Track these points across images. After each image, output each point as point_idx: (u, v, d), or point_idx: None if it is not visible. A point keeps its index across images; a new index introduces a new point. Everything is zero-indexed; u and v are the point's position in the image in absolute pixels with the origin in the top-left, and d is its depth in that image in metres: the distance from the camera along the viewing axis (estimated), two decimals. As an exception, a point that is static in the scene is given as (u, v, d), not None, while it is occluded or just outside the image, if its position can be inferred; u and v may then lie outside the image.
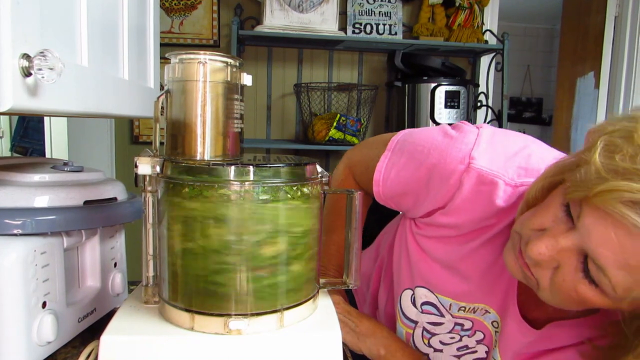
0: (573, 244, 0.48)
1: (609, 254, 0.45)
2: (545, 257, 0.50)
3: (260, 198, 0.54)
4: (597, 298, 0.49)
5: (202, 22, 2.04)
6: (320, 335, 0.57)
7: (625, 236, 0.43)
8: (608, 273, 0.45)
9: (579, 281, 0.49)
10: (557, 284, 0.51)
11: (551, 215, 0.51)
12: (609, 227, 0.44)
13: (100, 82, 0.61)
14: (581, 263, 0.48)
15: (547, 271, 0.51)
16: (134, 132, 2.09)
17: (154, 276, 0.61)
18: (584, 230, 0.47)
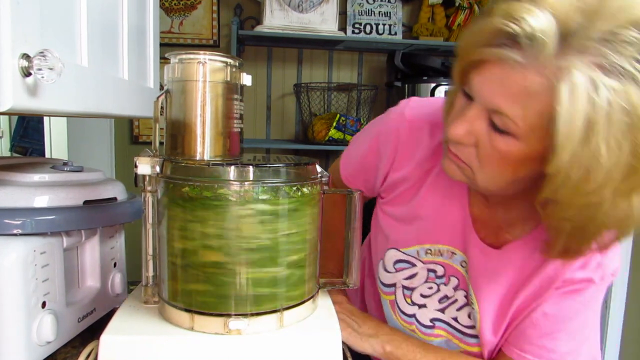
0: (477, 110, 0.54)
1: (499, 96, 0.50)
2: (462, 131, 0.55)
3: (260, 198, 0.54)
4: (514, 147, 0.52)
5: (202, 22, 2.04)
6: (320, 335, 0.57)
7: (505, 72, 0.49)
8: (505, 111, 0.50)
9: (494, 138, 0.54)
10: (483, 156, 0.56)
11: (458, 108, 0.58)
12: (493, 76, 0.51)
13: (100, 82, 0.61)
14: (489, 122, 0.54)
15: (471, 149, 0.57)
16: (133, 132, 2.09)
17: (153, 276, 0.62)
18: (477, 93, 0.53)
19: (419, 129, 0.73)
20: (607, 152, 0.45)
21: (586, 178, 0.47)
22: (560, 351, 0.66)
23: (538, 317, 0.66)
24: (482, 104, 0.54)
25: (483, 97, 0.53)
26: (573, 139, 0.46)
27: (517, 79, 0.48)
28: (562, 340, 0.66)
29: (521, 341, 0.67)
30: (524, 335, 0.67)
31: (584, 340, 0.68)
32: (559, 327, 0.65)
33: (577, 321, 0.66)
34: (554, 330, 0.65)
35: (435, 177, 0.72)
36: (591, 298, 0.65)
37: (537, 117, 0.49)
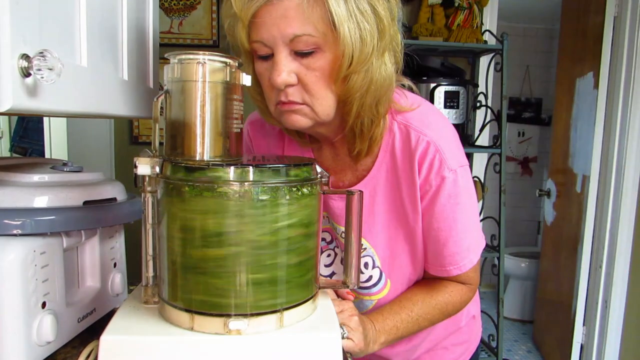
0: (280, 55, 0.63)
1: (288, 27, 0.61)
2: (284, 75, 0.63)
3: (260, 198, 0.54)
4: (324, 59, 0.64)
5: (202, 23, 2.04)
6: (320, 335, 0.57)
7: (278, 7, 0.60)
8: (300, 31, 0.61)
9: (308, 63, 0.64)
10: (309, 83, 0.65)
11: (266, 70, 0.66)
12: (272, 16, 0.61)
13: (99, 83, 0.61)
14: (296, 56, 0.64)
15: (298, 87, 0.65)
16: (133, 132, 2.09)
17: (153, 276, 0.61)
18: (271, 37, 0.62)
19: (259, 124, 0.88)
20: (364, 19, 0.62)
21: (362, 44, 0.63)
22: (462, 249, 0.76)
23: (432, 235, 0.76)
24: (280, 44, 0.62)
25: (279, 36, 0.62)
26: (343, 18, 0.60)
27: (291, 5, 0.60)
28: (458, 240, 0.76)
29: (437, 259, 0.78)
30: (432, 255, 0.78)
31: (473, 225, 0.78)
32: (449, 232, 0.75)
33: (459, 217, 0.75)
34: (447, 237, 0.75)
35: (288, 146, 0.84)
36: (456, 190, 0.74)
37: (321, 21, 0.61)
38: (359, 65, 0.64)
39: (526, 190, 3.85)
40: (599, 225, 2.21)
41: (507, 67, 1.98)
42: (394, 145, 0.75)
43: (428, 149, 0.72)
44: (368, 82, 0.66)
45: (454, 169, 0.73)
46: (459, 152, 0.76)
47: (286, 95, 0.66)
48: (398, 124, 0.75)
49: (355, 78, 0.65)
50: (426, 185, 0.73)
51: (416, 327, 0.78)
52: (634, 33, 2.03)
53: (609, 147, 2.14)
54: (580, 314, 2.30)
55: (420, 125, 0.74)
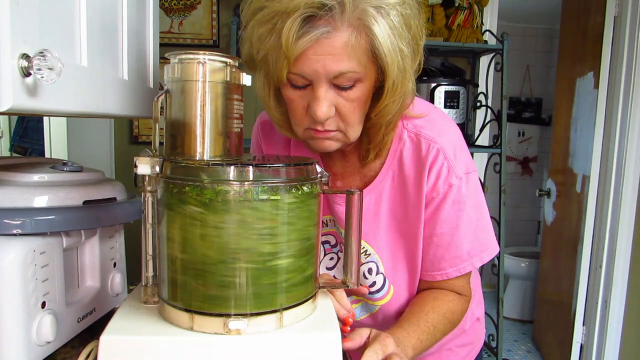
0: (322, 87, 0.63)
1: (333, 64, 0.60)
2: (325, 108, 0.64)
3: (260, 198, 0.54)
4: (362, 89, 0.65)
5: (202, 22, 2.04)
6: (319, 335, 0.57)
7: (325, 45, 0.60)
8: (345, 70, 0.61)
9: (348, 95, 0.65)
10: (346, 114, 0.66)
11: (298, 99, 0.66)
12: (318, 53, 0.60)
13: (99, 82, 0.61)
14: (336, 88, 0.64)
15: (335, 117, 0.66)
16: (133, 132, 2.09)
17: (153, 276, 0.61)
18: (316, 73, 0.62)
19: (269, 125, 0.89)
20: (404, 47, 0.63)
21: (405, 75, 0.65)
22: (462, 253, 0.77)
23: (434, 241, 0.77)
24: (323, 79, 0.63)
25: (323, 73, 0.62)
26: (390, 53, 0.61)
27: (337, 42, 0.60)
28: (460, 244, 0.76)
29: (435, 264, 0.78)
30: (435, 259, 0.78)
31: (476, 231, 0.78)
32: (452, 236, 0.76)
33: (462, 222, 0.76)
34: (450, 241, 0.76)
35: (294, 150, 0.85)
36: (460, 197, 0.75)
37: (365, 56, 0.62)
38: (399, 94, 0.66)
39: (526, 190, 3.85)
40: (599, 225, 2.21)
41: (507, 67, 1.98)
42: (402, 153, 0.76)
43: (437, 157, 0.73)
44: (399, 105, 0.68)
45: (461, 177, 0.74)
46: (466, 159, 0.76)
47: (323, 126, 0.67)
48: (408, 132, 0.76)
49: (392, 105, 0.67)
50: (433, 193, 0.74)
51: (433, 338, 0.76)
52: (634, 33, 2.03)
53: (609, 147, 2.14)
54: (580, 314, 2.30)
55: (431, 133, 0.75)
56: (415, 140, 0.75)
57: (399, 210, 0.78)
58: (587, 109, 2.29)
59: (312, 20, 0.59)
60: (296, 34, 0.58)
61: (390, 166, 0.78)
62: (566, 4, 2.54)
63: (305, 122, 0.69)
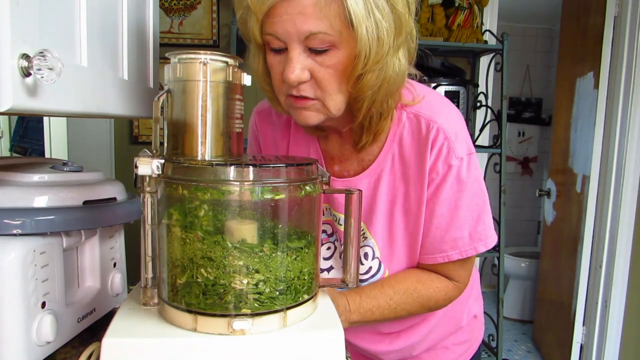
0: (294, 50, 0.63)
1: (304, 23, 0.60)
2: (297, 71, 0.63)
3: (261, 198, 0.54)
4: (338, 56, 0.63)
5: (202, 22, 2.04)
6: (323, 333, 0.57)
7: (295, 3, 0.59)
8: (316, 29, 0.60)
9: (322, 60, 0.63)
10: (322, 79, 0.65)
11: (277, 64, 0.66)
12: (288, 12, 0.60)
13: (99, 82, 0.61)
14: (310, 53, 0.63)
15: (310, 82, 0.65)
16: (133, 132, 2.09)
17: (152, 278, 0.61)
18: (286, 33, 0.61)
19: (266, 113, 0.90)
20: (382, 18, 0.61)
21: (379, 44, 0.62)
22: (464, 235, 0.76)
23: (433, 222, 0.76)
24: (295, 40, 0.62)
25: (294, 32, 0.61)
26: (361, 17, 0.60)
27: (307, 2, 0.60)
28: (460, 226, 0.75)
29: (435, 246, 0.77)
30: (435, 241, 0.77)
31: (480, 215, 0.77)
32: (451, 218, 0.75)
33: (462, 204, 0.75)
34: (449, 222, 0.75)
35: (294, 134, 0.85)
36: (460, 178, 0.74)
37: (339, 20, 0.61)
38: (375, 64, 0.64)
39: (526, 190, 3.85)
40: (599, 225, 2.20)
41: (507, 67, 1.98)
42: (402, 135, 0.76)
43: (438, 136, 0.72)
44: (381, 80, 0.66)
45: (461, 157, 0.73)
46: (466, 140, 0.76)
47: (298, 91, 0.66)
48: (407, 114, 0.75)
49: (369, 76, 0.65)
50: (433, 173, 0.74)
51: (393, 314, 0.78)
52: (634, 33, 2.03)
53: (609, 147, 2.14)
54: (580, 314, 2.30)
55: (430, 113, 0.74)
56: (414, 120, 0.75)
57: (399, 193, 0.77)
58: (587, 109, 2.29)
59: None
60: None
61: (390, 149, 0.77)
62: (566, 4, 2.54)
63: (284, 89, 0.68)
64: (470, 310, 0.94)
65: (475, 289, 0.97)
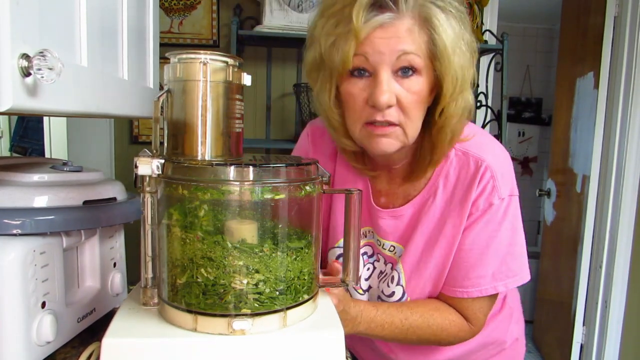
0: (383, 74, 0.66)
1: (397, 44, 0.64)
2: (387, 94, 0.66)
3: (261, 198, 0.54)
4: (421, 84, 0.68)
5: (202, 22, 2.04)
6: (324, 333, 0.57)
7: (389, 29, 0.64)
8: (408, 48, 0.65)
9: (408, 85, 0.67)
10: (407, 105, 0.68)
11: (360, 91, 0.68)
12: (383, 36, 0.64)
13: (99, 82, 0.61)
14: (397, 76, 0.67)
15: (395, 108, 0.68)
16: (133, 132, 2.09)
17: (152, 278, 0.61)
18: (380, 54, 0.65)
19: (319, 133, 0.91)
20: (466, 49, 0.67)
21: (464, 73, 0.68)
22: (487, 274, 0.77)
23: (461, 255, 0.77)
24: (386, 63, 0.66)
25: (387, 53, 0.65)
26: (453, 46, 0.66)
27: (400, 28, 0.64)
28: (486, 265, 0.77)
29: (458, 280, 0.78)
30: (458, 275, 0.78)
31: (506, 255, 0.77)
32: (480, 256, 0.77)
33: (493, 244, 0.76)
34: (477, 260, 0.77)
35: (339, 167, 0.87)
36: (496, 218, 0.75)
37: (425, 46, 0.66)
38: (460, 93, 0.69)
39: (526, 190, 3.85)
40: (599, 225, 2.20)
41: (507, 67, 1.98)
42: (449, 171, 0.78)
43: (485, 174, 0.74)
44: (461, 110, 0.71)
45: (503, 197, 0.75)
46: (511, 181, 0.77)
47: (383, 116, 0.68)
48: (456, 151, 0.78)
49: (453, 106, 0.70)
50: (473, 208, 0.75)
51: (402, 335, 0.78)
52: (634, 33, 2.03)
53: (609, 147, 2.14)
54: (580, 314, 2.30)
55: (479, 151, 0.76)
56: (463, 158, 0.77)
57: (436, 228, 0.78)
58: (587, 109, 2.29)
59: (378, 8, 0.64)
60: (364, 17, 0.63)
61: (434, 184, 0.79)
62: (566, 4, 2.54)
63: (364, 116, 0.69)
64: (512, 333, 0.94)
65: (517, 312, 0.97)
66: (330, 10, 0.68)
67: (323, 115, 0.77)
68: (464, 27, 0.68)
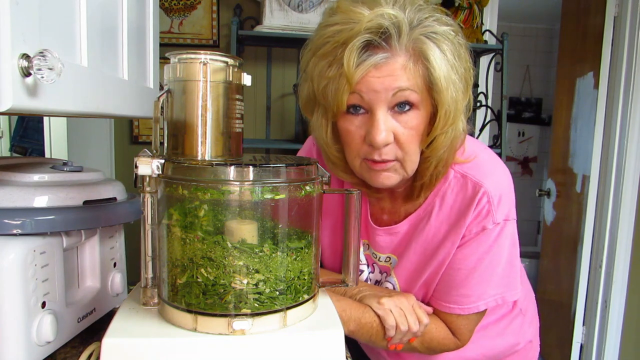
0: (379, 112, 0.65)
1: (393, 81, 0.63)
2: (384, 133, 0.65)
3: (261, 198, 0.54)
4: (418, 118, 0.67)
5: (202, 22, 2.04)
6: (324, 333, 0.57)
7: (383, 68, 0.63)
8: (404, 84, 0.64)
9: (404, 121, 0.66)
10: (404, 141, 0.67)
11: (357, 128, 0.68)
12: (377, 75, 0.63)
13: (99, 82, 0.61)
14: (393, 113, 0.66)
15: (392, 144, 0.67)
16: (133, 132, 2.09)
17: (152, 278, 0.61)
18: (375, 93, 0.64)
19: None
20: (458, 80, 0.67)
21: (456, 105, 0.67)
22: (472, 294, 0.77)
23: (449, 273, 0.78)
24: (382, 100, 0.65)
25: (382, 91, 0.64)
26: (446, 79, 0.65)
27: (395, 66, 0.63)
28: (472, 286, 0.77)
29: (442, 295, 0.79)
30: (443, 290, 0.79)
31: (495, 278, 0.77)
32: (466, 277, 0.77)
33: (482, 266, 0.76)
34: (462, 281, 0.77)
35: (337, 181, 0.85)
36: (488, 243, 0.75)
37: (422, 81, 0.65)
38: (450, 125, 0.68)
39: (526, 190, 3.85)
40: (599, 225, 2.20)
41: (507, 67, 1.98)
42: (446, 192, 0.77)
43: (482, 199, 0.74)
44: (450, 139, 0.70)
45: (497, 222, 0.74)
46: (508, 205, 0.76)
47: (380, 154, 0.67)
48: (455, 173, 0.77)
49: (443, 137, 0.69)
50: (466, 231, 0.75)
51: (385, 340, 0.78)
52: (634, 33, 2.03)
53: (609, 147, 2.14)
54: (580, 314, 2.30)
55: (478, 174, 0.76)
56: (461, 180, 0.76)
57: (429, 247, 0.79)
58: (587, 109, 2.29)
59: (372, 48, 0.63)
60: (357, 59, 0.62)
61: (431, 203, 0.78)
62: (566, 4, 2.54)
63: (362, 152, 0.69)
64: (525, 335, 0.94)
65: (530, 313, 0.97)
66: (322, 51, 0.66)
67: (322, 150, 0.76)
68: (458, 58, 0.67)
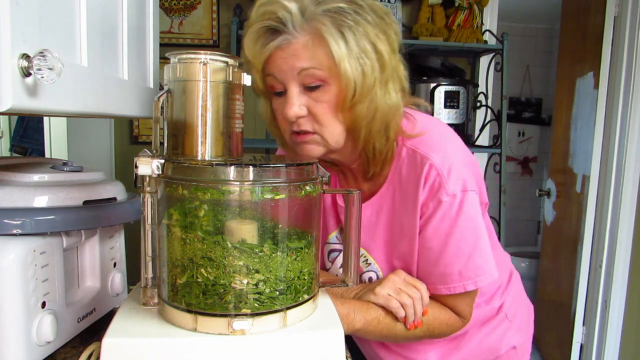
0: (291, 90, 0.70)
1: (297, 61, 0.68)
2: (295, 107, 0.70)
3: (261, 198, 0.54)
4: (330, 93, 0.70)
5: (202, 22, 2.04)
6: (323, 333, 0.57)
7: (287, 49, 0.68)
8: (308, 65, 0.68)
9: (316, 97, 0.70)
10: (318, 114, 0.71)
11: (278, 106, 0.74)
12: (283, 56, 0.68)
13: (99, 82, 0.61)
14: (305, 90, 0.70)
15: (308, 117, 0.72)
16: (133, 132, 2.09)
17: (152, 278, 0.61)
18: (283, 72, 0.69)
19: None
20: (365, 56, 0.68)
21: (364, 78, 0.69)
22: (453, 272, 0.77)
23: (423, 254, 0.78)
24: (291, 79, 0.70)
25: (289, 71, 0.69)
26: (343, 56, 0.67)
27: (298, 46, 0.68)
28: (449, 262, 0.77)
29: (426, 276, 0.79)
30: (424, 273, 0.79)
31: (472, 253, 0.77)
32: (440, 253, 0.77)
33: (452, 240, 0.76)
34: (437, 258, 0.77)
35: None
36: (450, 214, 0.75)
37: (325, 57, 0.68)
38: (363, 96, 0.70)
39: (526, 190, 3.85)
40: (599, 225, 2.20)
41: (507, 67, 1.98)
42: (402, 169, 0.79)
43: (430, 172, 0.74)
44: (374, 111, 0.72)
45: (453, 194, 0.74)
46: (463, 177, 0.75)
47: (298, 126, 0.72)
48: (407, 149, 0.78)
49: (360, 107, 0.71)
50: (424, 208, 0.76)
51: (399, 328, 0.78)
52: (634, 33, 2.03)
53: (609, 147, 2.14)
54: (580, 314, 2.30)
55: (427, 149, 0.76)
56: (411, 155, 0.77)
57: (396, 223, 0.80)
58: (587, 109, 2.29)
59: (274, 34, 0.69)
60: (263, 42, 0.69)
61: (391, 182, 0.80)
62: (566, 4, 2.54)
63: (288, 128, 0.74)
64: (510, 340, 0.94)
65: (520, 320, 0.97)
66: (244, 40, 0.72)
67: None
68: (364, 32, 0.68)
